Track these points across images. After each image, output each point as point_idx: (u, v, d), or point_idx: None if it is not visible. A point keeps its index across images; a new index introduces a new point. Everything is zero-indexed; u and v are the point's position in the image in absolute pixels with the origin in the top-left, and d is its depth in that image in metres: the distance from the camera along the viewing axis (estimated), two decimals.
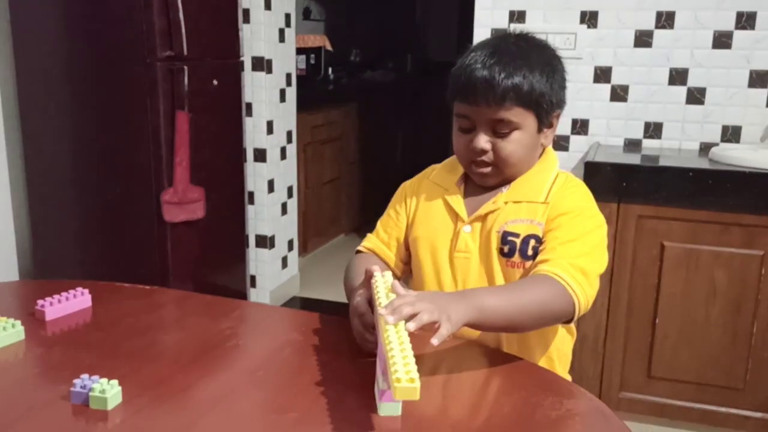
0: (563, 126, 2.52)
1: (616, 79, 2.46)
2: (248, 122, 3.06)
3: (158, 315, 1.28)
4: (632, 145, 2.48)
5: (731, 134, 2.39)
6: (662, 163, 2.14)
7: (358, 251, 1.35)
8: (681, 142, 2.44)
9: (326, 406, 0.92)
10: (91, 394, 0.91)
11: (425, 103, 5.26)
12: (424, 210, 1.28)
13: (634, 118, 2.47)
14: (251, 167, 3.12)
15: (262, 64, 3.01)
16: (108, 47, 2.39)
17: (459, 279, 1.23)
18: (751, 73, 2.33)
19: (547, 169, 1.23)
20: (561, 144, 2.54)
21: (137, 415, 0.90)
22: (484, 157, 1.18)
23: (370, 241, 1.35)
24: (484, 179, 1.22)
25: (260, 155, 3.10)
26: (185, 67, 2.40)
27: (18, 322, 1.12)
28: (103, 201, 2.52)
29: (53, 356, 1.09)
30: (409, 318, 0.90)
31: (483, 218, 1.20)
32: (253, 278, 3.23)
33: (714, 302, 2.05)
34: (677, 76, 2.39)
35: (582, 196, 1.22)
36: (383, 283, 1.02)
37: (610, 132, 2.50)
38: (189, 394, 0.96)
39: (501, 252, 1.18)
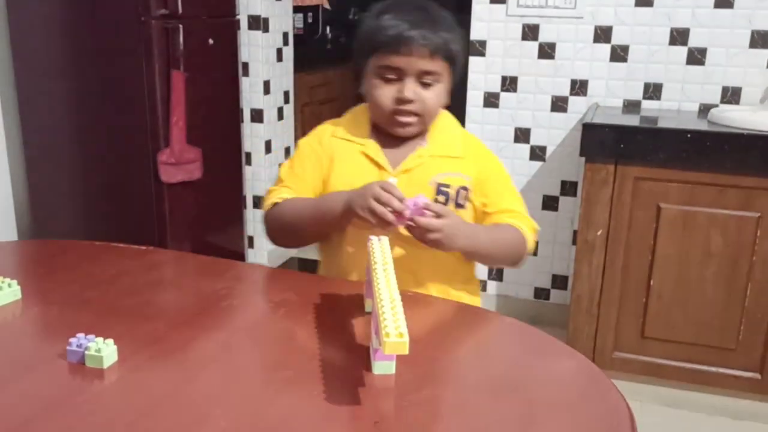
0: (562, 86, 2.51)
1: (617, 39, 2.43)
2: (245, 82, 3.04)
3: (154, 275, 1.29)
4: (631, 106, 2.46)
5: (731, 95, 2.37)
6: (661, 124, 2.13)
7: (275, 204, 1.32)
8: (680, 103, 2.42)
9: (320, 364, 0.93)
10: (87, 352, 0.92)
11: None
12: (341, 164, 1.32)
13: (633, 78, 2.44)
14: (248, 128, 3.10)
15: (258, 23, 2.97)
16: (102, 5, 2.35)
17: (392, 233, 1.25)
18: (753, 33, 2.30)
19: (453, 124, 1.39)
20: (559, 105, 2.53)
21: (133, 374, 0.91)
22: (410, 107, 1.26)
23: (285, 192, 1.33)
24: (406, 129, 1.29)
25: (257, 115, 3.09)
26: (180, 26, 2.37)
27: (15, 282, 1.13)
28: (100, 161, 2.51)
29: (50, 315, 1.10)
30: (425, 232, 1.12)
31: (409, 171, 1.29)
32: (251, 239, 3.24)
33: (709, 264, 2.06)
34: (678, 36, 2.37)
35: (489, 151, 1.41)
36: (380, 247, 1.02)
37: (609, 93, 2.48)
38: (184, 352, 0.98)
39: (435, 201, 1.26)
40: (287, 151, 3.34)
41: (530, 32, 2.50)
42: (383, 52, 1.25)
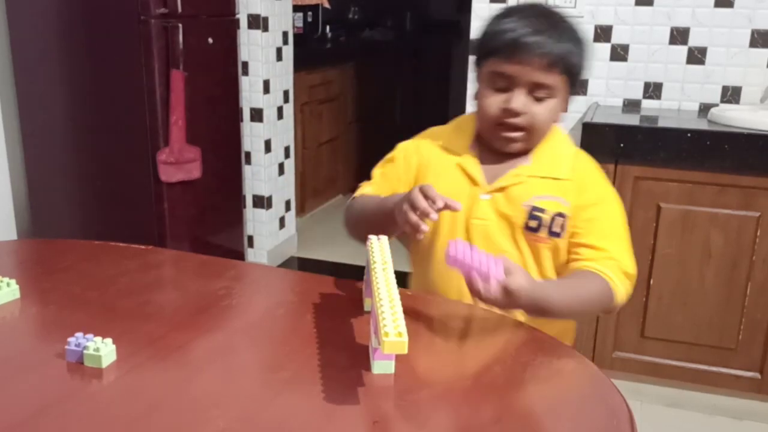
0: None
1: (617, 38, 2.43)
2: (244, 81, 3.03)
3: (153, 274, 1.28)
4: (631, 105, 2.46)
5: (731, 95, 2.36)
6: (661, 124, 2.13)
7: (354, 198, 1.31)
8: (680, 102, 2.42)
9: (319, 364, 0.93)
10: (85, 352, 0.91)
11: (424, 63, 5.20)
12: (434, 175, 1.24)
13: (633, 78, 2.44)
14: (248, 127, 3.10)
15: (258, 22, 2.97)
16: (101, 4, 2.35)
17: (476, 245, 1.19)
18: (753, 32, 2.30)
19: (563, 143, 1.26)
20: None
21: (131, 373, 0.91)
22: (517, 120, 1.16)
23: (368, 189, 1.30)
24: (510, 144, 1.20)
25: (257, 115, 3.08)
26: (180, 25, 2.37)
27: (13, 281, 1.13)
28: (99, 160, 2.51)
29: (48, 315, 1.09)
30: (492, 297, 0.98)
31: (504, 189, 1.20)
32: (250, 238, 3.24)
33: (709, 263, 2.05)
34: (678, 36, 2.36)
35: (602, 177, 1.25)
36: (379, 246, 1.02)
37: (610, 92, 2.47)
38: (183, 352, 0.97)
39: (526, 226, 1.19)
40: (287, 150, 3.34)
41: None
42: (497, 58, 1.15)
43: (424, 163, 1.27)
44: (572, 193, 1.19)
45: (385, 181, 1.30)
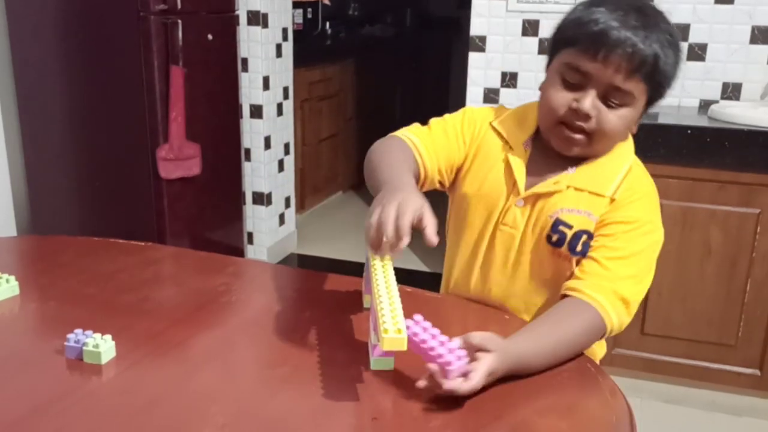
0: None
1: None
2: (244, 78, 3.03)
3: (152, 271, 1.28)
4: None
5: (731, 91, 2.36)
6: (661, 120, 2.12)
7: (395, 137, 1.16)
8: (681, 99, 2.41)
9: (318, 360, 0.93)
10: (84, 348, 0.91)
11: (425, 59, 5.19)
12: (483, 161, 1.14)
13: None
14: (247, 123, 3.10)
15: (257, 18, 2.96)
16: (100, 1, 2.34)
17: (498, 253, 1.13)
18: (753, 29, 2.29)
19: (621, 158, 1.11)
20: None
21: (131, 370, 0.91)
22: (583, 122, 1.03)
23: (418, 136, 1.14)
24: (569, 146, 1.07)
25: (256, 111, 3.08)
26: (179, 21, 2.37)
27: (13, 278, 1.13)
28: (99, 157, 2.51)
29: (48, 311, 1.09)
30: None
31: (539, 196, 1.09)
32: (250, 235, 3.24)
33: (708, 260, 2.05)
34: (679, 32, 2.36)
35: (649, 203, 1.09)
36: (381, 266, 0.95)
37: None
38: (182, 348, 0.97)
39: (548, 238, 1.09)
40: (286, 147, 3.33)
41: (530, 28, 2.49)
42: (576, 49, 1.01)
43: (478, 146, 1.15)
44: (605, 208, 1.07)
45: (434, 140, 1.15)
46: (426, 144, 1.13)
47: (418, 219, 0.88)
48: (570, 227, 1.07)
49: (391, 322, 0.81)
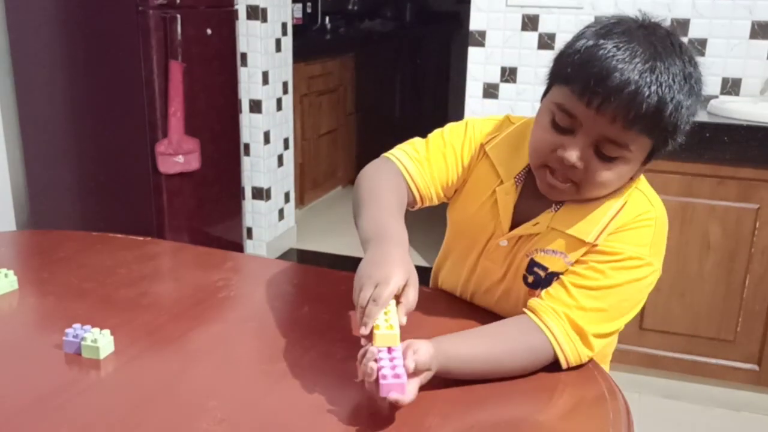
0: None
1: None
2: (243, 72, 3.02)
3: (151, 266, 1.28)
4: None
5: (731, 86, 2.36)
6: None
7: (387, 159, 1.10)
8: None
9: (315, 356, 0.93)
10: (83, 343, 0.91)
11: (424, 54, 5.18)
12: (473, 189, 1.08)
13: None
14: (247, 118, 3.09)
15: (257, 13, 2.96)
16: None
17: (482, 283, 1.09)
18: (753, 24, 2.29)
19: (615, 197, 0.97)
20: None
21: (129, 364, 0.91)
22: (567, 171, 0.92)
23: (413, 161, 1.07)
24: (552, 193, 0.97)
25: (256, 106, 3.07)
26: (178, 15, 2.36)
27: (11, 272, 1.13)
28: (98, 152, 2.51)
29: (46, 306, 1.10)
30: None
31: (520, 236, 1.02)
32: (249, 230, 3.24)
33: (707, 255, 2.05)
34: (679, 27, 2.35)
35: (643, 235, 0.97)
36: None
37: None
38: (181, 343, 0.97)
39: (524, 279, 1.02)
40: (286, 142, 3.33)
41: (530, 23, 2.49)
42: (570, 90, 0.89)
43: (472, 171, 1.08)
44: (581, 249, 0.97)
45: (433, 164, 1.08)
46: (422, 171, 1.07)
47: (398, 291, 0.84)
48: (545, 269, 1.00)
49: (383, 317, 0.81)
